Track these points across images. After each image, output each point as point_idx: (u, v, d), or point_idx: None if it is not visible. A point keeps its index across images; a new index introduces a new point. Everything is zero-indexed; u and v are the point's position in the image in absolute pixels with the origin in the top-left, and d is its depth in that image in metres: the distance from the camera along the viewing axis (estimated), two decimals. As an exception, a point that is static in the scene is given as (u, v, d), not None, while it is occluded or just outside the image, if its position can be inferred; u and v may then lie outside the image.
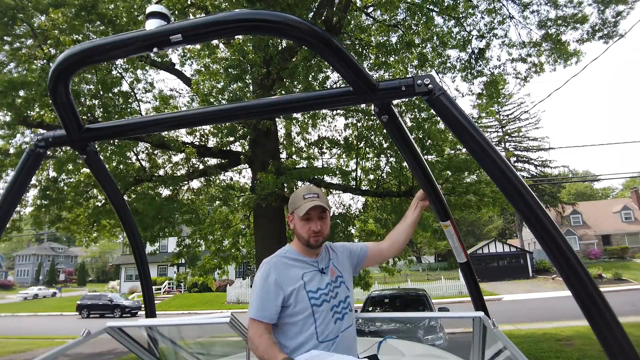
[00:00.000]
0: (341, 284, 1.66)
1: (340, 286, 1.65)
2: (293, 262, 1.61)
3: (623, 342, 0.93)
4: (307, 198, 1.61)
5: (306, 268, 1.61)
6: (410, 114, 8.21)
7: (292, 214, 1.66)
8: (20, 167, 1.34)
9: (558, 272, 0.98)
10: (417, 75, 1.10)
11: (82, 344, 1.82)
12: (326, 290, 1.59)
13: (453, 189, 8.14)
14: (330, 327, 1.54)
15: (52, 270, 55.99)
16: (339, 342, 1.54)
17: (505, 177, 1.03)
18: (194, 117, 1.38)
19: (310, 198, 1.60)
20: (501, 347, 1.78)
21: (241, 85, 7.38)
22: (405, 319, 6.49)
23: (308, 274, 1.59)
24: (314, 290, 1.56)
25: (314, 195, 1.62)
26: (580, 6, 8.39)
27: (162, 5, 2.35)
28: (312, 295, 1.54)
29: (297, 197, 1.64)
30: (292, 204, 1.67)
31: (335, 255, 1.75)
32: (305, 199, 1.61)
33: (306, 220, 1.61)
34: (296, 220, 1.64)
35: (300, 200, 1.61)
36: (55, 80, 1.10)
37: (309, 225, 1.60)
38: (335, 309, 1.58)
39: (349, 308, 1.65)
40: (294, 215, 1.66)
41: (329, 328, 1.53)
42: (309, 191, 1.64)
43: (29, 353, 11.67)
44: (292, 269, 1.59)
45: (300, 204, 1.61)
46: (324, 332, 1.52)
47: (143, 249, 2.06)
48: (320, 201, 1.60)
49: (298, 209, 1.61)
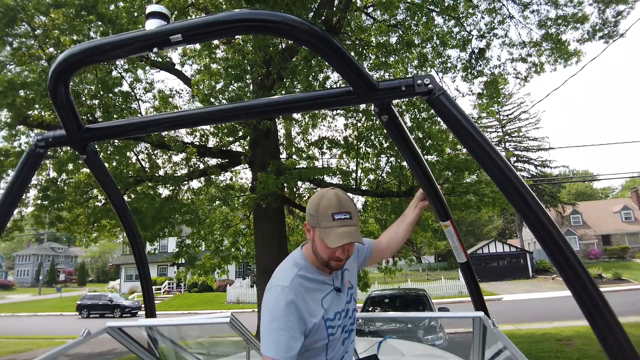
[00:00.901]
0: (351, 298, 1.47)
1: (351, 301, 1.46)
2: (312, 283, 1.33)
3: (623, 342, 0.93)
4: (338, 219, 1.26)
5: (324, 289, 1.36)
6: (410, 114, 8.21)
7: (313, 228, 1.32)
8: (20, 167, 1.34)
9: (558, 272, 0.98)
10: (417, 75, 1.10)
11: (82, 344, 1.82)
12: (343, 313, 1.40)
13: (453, 189, 8.14)
14: (338, 350, 1.40)
15: (52, 270, 55.99)
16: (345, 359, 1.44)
17: (505, 177, 1.02)
18: (194, 117, 1.38)
19: (343, 221, 1.26)
20: (501, 347, 1.78)
21: (241, 85, 7.39)
22: (405, 319, 6.49)
23: (327, 298, 1.36)
24: (331, 317, 1.34)
25: (345, 215, 1.27)
26: (580, 6, 8.40)
27: (162, 5, 2.35)
28: (329, 324, 1.33)
29: (324, 213, 1.27)
30: (313, 217, 1.31)
31: None
32: (335, 219, 1.25)
33: None
34: (317, 238, 1.30)
35: (328, 221, 1.26)
36: (55, 80, 1.10)
37: (333, 251, 1.29)
38: (345, 328, 1.41)
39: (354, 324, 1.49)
40: (314, 231, 1.31)
41: (337, 352, 1.39)
42: (339, 208, 1.27)
43: (29, 353, 11.67)
44: (312, 294, 1.32)
45: (326, 226, 1.26)
46: (333, 356, 1.37)
47: (143, 249, 2.05)
48: (355, 228, 1.27)
49: (323, 230, 1.27)
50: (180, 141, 7.87)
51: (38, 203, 8.09)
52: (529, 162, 37.46)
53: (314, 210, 1.31)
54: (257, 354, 2.17)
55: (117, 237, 10.97)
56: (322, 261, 1.32)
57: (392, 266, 9.78)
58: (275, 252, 8.28)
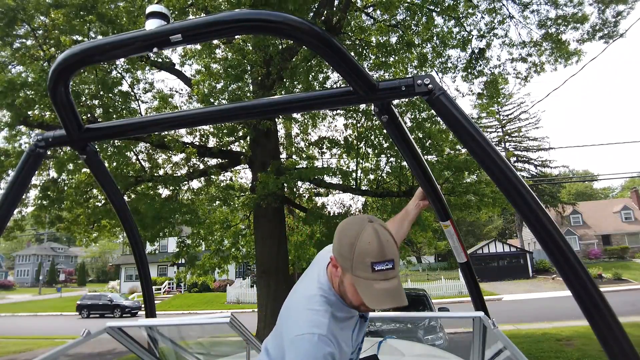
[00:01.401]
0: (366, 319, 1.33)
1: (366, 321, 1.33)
2: (343, 322, 1.16)
3: (623, 342, 0.93)
4: (378, 270, 1.04)
5: (352, 322, 1.22)
6: (410, 114, 8.22)
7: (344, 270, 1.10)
8: (20, 167, 1.34)
9: (558, 272, 0.98)
10: (417, 75, 1.10)
11: (82, 344, 1.82)
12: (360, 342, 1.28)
13: (453, 189, 8.14)
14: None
15: (52, 270, 56.00)
16: None
17: (505, 177, 1.02)
18: (194, 117, 1.38)
19: (384, 272, 1.04)
20: (501, 347, 1.78)
21: (241, 85, 7.39)
22: (405, 319, 6.48)
23: (355, 331, 1.23)
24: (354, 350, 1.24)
25: (388, 265, 1.04)
26: (580, 5, 8.40)
27: (162, 5, 2.35)
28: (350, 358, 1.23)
29: (361, 261, 1.05)
30: (345, 259, 1.08)
31: None
32: (375, 270, 1.03)
33: None
34: (347, 281, 1.10)
35: (366, 271, 1.04)
36: (55, 80, 1.10)
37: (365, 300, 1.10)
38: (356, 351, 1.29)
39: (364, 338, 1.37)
40: (345, 273, 1.10)
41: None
42: (381, 256, 1.04)
43: (29, 353, 11.67)
44: (344, 333, 1.16)
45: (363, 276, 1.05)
46: None
47: (143, 249, 2.05)
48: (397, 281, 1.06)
49: (358, 280, 1.06)
50: (180, 141, 7.87)
51: (38, 203, 8.09)
52: (529, 162, 37.48)
53: (348, 251, 1.07)
54: (257, 354, 2.17)
55: (117, 237, 10.98)
56: (351, 305, 1.14)
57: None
58: (275, 252, 8.28)
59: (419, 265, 39.81)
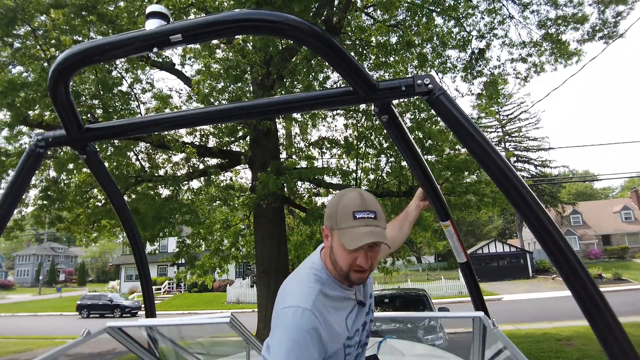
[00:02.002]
0: (370, 309, 1.29)
1: (369, 312, 1.28)
2: (335, 301, 1.14)
3: (623, 342, 0.93)
4: (359, 218, 1.08)
5: (347, 306, 1.18)
6: (410, 114, 8.22)
7: (331, 231, 1.14)
8: (20, 167, 1.34)
9: (558, 272, 0.98)
10: (417, 75, 1.10)
11: (82, 344, 1.82)
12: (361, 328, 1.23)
13: (453, 189, 8.15)
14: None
15: (52, 270, 56.01)
16: None
17: (505, 177, 1.02)
18: (194, 117, 1.38)
19: (365, 220, 1.08)
20: (501, 347, 1.78)
21: (241, 85, 7.39)
22: (405, 319, 6.48)
23: (351, 316, 1.18)
24: (351, 336, 1.17)
25: (369, 214, 1.09)
26: (580, 6, 8.41)
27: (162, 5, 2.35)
28: (347, 344, 1.16)
29: (344, 212, 1.11)
30: (331, 218, 1.13)
31: None
32: (357, 218, 1.08)
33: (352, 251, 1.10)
34: (335, 243, 1.13)
35: (349, 219, 1.09)
36: (55, 80, 1.10)
37: (353, 257, 1.10)
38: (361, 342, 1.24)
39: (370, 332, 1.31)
40: (332, 234, 1.13)
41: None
42: (362, 206, 1.10)
43: (29, 353, 11.68)
44: (335, 314, 1.12)
45: (346, 225, 1.09)
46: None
47: (143, 249, 2.05)
48: (380, 228, 1.09)
49: (342, 232, 1.09)
50: (180, 141, 7.87)
51: (39, 203, 8.09)
52: (529, 162, 37.47)
53: (333, 210, 1.13)
54: (257, 354, 2.16)
55: (117, 237, 10.99)
56: (341, 272, 1.13)
57: (390, 266, 9.78)
58: (275, 252, 8.28)
59: (419, 265, 39.81)
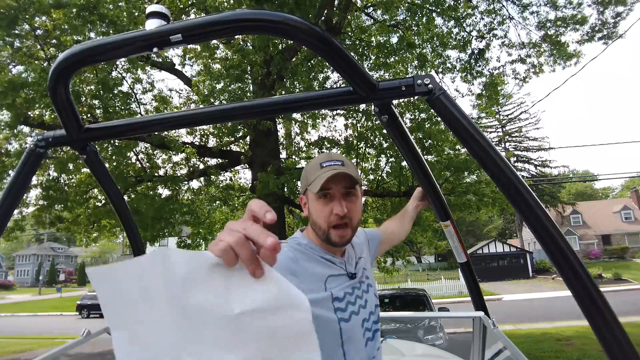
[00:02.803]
0: (369, 289, 1.20)
1: (368, 291, 1.19)
2: (315, 255, 1.10)
3: (623, 342, 0.93)
4: (325, 166, 1.09)
5: (332, 269, 1.10)
6: (410, 114, 8.22)
7: (305, 194, 1.14)
8: (20, 167, 1.34)
9: (558, 272, 0.98)
10: (417, 75, 1.10)
11: (82, 344, 1.82)
12: (353, 298, 1.11)
13: (453, 189, 8.15)
14: (361, 352, 1.07)
15: (52, 270, 56.00)
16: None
17: (505, 177, 1.02)
18: (194, 117, 1.38)
19: (332, 166, 1.08)
20: (501, 347, 1.78)
21: (241, 85, 7.39)
22: (405, 319, 6.49)
23: (334, 279, 1.08)
24: (340, 297, 1.07)
25: (336, 162, 1.10)
26: (579, 7, 8.41)
27: (162, 5, 2.35)
28: (338, 306, 1.05)
29: (313, 166, 1.12)
30: (304, 179, 1.15)
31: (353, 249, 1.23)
32: (323, 167, 1.09)
33: (324, 200, 1.08)
34: (311, 202, 1.11)
35: (317, 170, 1.10)
36: (55, 80, 1.10)
37: (329, 208, 1.07)
38: (365, 323, 1.12)
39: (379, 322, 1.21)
40: (307, 195, 1.13)
41: (361, 354, 1.07)
42: (329, 158, 1.12)
43: (29, 353, 11.68)
44: (315, 265, 1.07)
45: (315, 177, 1.09)
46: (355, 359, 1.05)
47: (143, 249, 2.05)
48: (346, 169, 1.08)
49: (312, 185, 1.08)
50: (180, 141, 7.87)
51: (39, 203, 8.09)
52: (529, 162, 37.49)
53: (304, 173, 1.15)
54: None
55: (117, 237, 10.98)
56: (322, 232, 1.09)
57: (390, 266, 9.79)
58: (275, 252, 8.26)
59: (419, 265, 39.83)
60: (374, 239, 1.46)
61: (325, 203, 1.08)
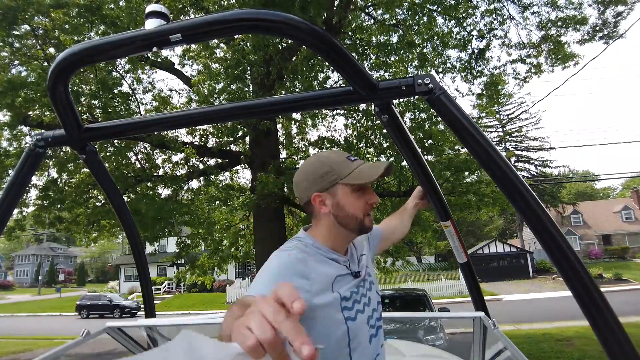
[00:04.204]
0: (372, 286, 1.21)
1: (371, 289, 1.20)
2: (322, 255, 1.10)
3: (623, 342, 0.93)
4: (354, 160, 1.14)
5: (338, 268, 1.11)
6: (410, 114, 8.21)
7: (330, 190, 1.11)
8: (20, 167, 1.34)
9: (558, 272, 0.98)
10: (418, 75, 1.10)
11: (82, 344, 1.82)
12: (365, 300, 1.14)
13: (453, 189, 8.14)
14: (366, 350, 1.08)
15: (51, 271, 55.97)
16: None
17: (505, 177, 1.02)
18: (194, 117, 1.38)
19: (358, 160, 1.14)
20: (501, 347, 1.78)
21: (241, 85, 7.39)
22: (405, 319, 6.48)
23: (340, 279, 1.09)
24: (347, 297, 1.08)
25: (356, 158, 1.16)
26: (580, 8, 8.41)
27: (162, 4, 2.34)
28: (345, 305, 1.06)
29: (339, 162, 1.12)
30: (325, 177, 1.11)
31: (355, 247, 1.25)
32: (353, 161, 1.13)
33: (362, 192, 1.12)
34: (342, 196, 1.11)
35: (347, 165, 1.11)
36: (54, 80, 1.10)
37: (364, 200, 1.12)
38: (370, 321, 1.13)
39: (382, 319, 1.22)
40: (334, 191, 1.11)
41: (365, 352, 1.08)
42: (346, 153, 1.17)
43: (29, 353, 11.68)
44: (322, 266, 1.07)
45: (349, 170, 1.10)
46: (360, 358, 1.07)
47: (142, 249, 2.05)
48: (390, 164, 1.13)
49: (349, 177, 1.09)
50: (179, 141, 7.87)
51: (39, 203, 8.08)
52: (529, 162, 37.46)
53: (323, 170, 1.11)
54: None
55: (116, 237, 10.98)
56: (356, 222, 1.12)
57: (390, 266, 9.79)
58: (275, 252, 8.26)
59: (419, 265, 39.81)
60: (375, 237, 1.45)
61: (361, 194, 1.12)
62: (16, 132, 7.49)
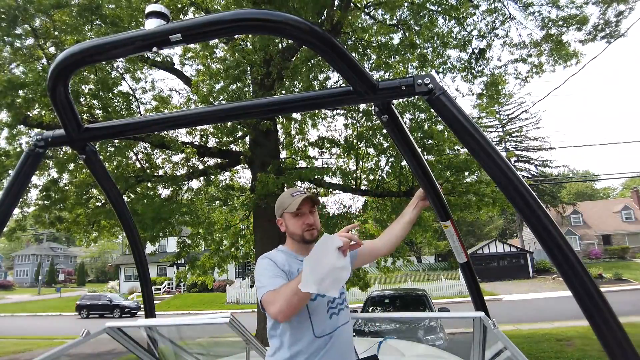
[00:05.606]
0: None
1: None
2: (293, 258, 1.62)
3: (623, 342, 0.93)
4: (295, 195, 1.63)
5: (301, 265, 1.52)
6: (410, 114, 8.21)
7: (282, 217, 1.68)
8: (20, 167, 1.34)
9: (558, 272, 0.98)
10: (418, 75, 1.10)
11: (82, 344, 1.82)
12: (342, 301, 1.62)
13: (453, 189, 8.14)
14: (326, 322, 1.54)
15: (51, 271, 55.97)
16: (336, 337, 1.55)
17: (505, 177, 1.02)
18: (194, 117, 1.37)
19: (299, 194, 1.63)
20: (501, 347, 1.78)
21: (241, 85, 7.38)
22: (405, 319, 6.48)
23: None
24: None
25: (300, 192, 1.66)
26: (581, 8, 8.40)
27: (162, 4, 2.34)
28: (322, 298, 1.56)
29: (285, 197, 1.67)
30: (280, 206, 1.68)
31: None
32: (294, 196, 1.64)
33: (299, 216, 1.63)
34: (287, 220, 1.66)
35: (290, 198, 1.64)
36: (54, 80, 1.10)
37: (302, 220, 1.63)
38: (330, 304, 1.58)
39: (345, 304, 1.65)
40: (284, 217, 1.67)
41: (325, 323, 1.54)
42: (295, 190, 1.69)
43: (29, 353, 11.68)
44: (293, 261, 1.61)
45: (290, 202, 1.63)
46: (320, 326, 1.52)
47: (142, 249, 2.05)
48: (308, 194, 1.65)
49: (289, 206, 1.63)
50: (179, 141, 7.86)
51: (40, 203, 8.07)
52: (529, 161, 37.45)
53: (278, 204, 1.70)
54: (257, 354, 2.16)
55: (116, 237, 10.97)
56: (298, 238, 1.64)
57: (390, 265, 9.78)
58: (275, 252, 8.26)
59: (419, 265, 39.83)
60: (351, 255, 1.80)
61: (299, 218, 1.64)
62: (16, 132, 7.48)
